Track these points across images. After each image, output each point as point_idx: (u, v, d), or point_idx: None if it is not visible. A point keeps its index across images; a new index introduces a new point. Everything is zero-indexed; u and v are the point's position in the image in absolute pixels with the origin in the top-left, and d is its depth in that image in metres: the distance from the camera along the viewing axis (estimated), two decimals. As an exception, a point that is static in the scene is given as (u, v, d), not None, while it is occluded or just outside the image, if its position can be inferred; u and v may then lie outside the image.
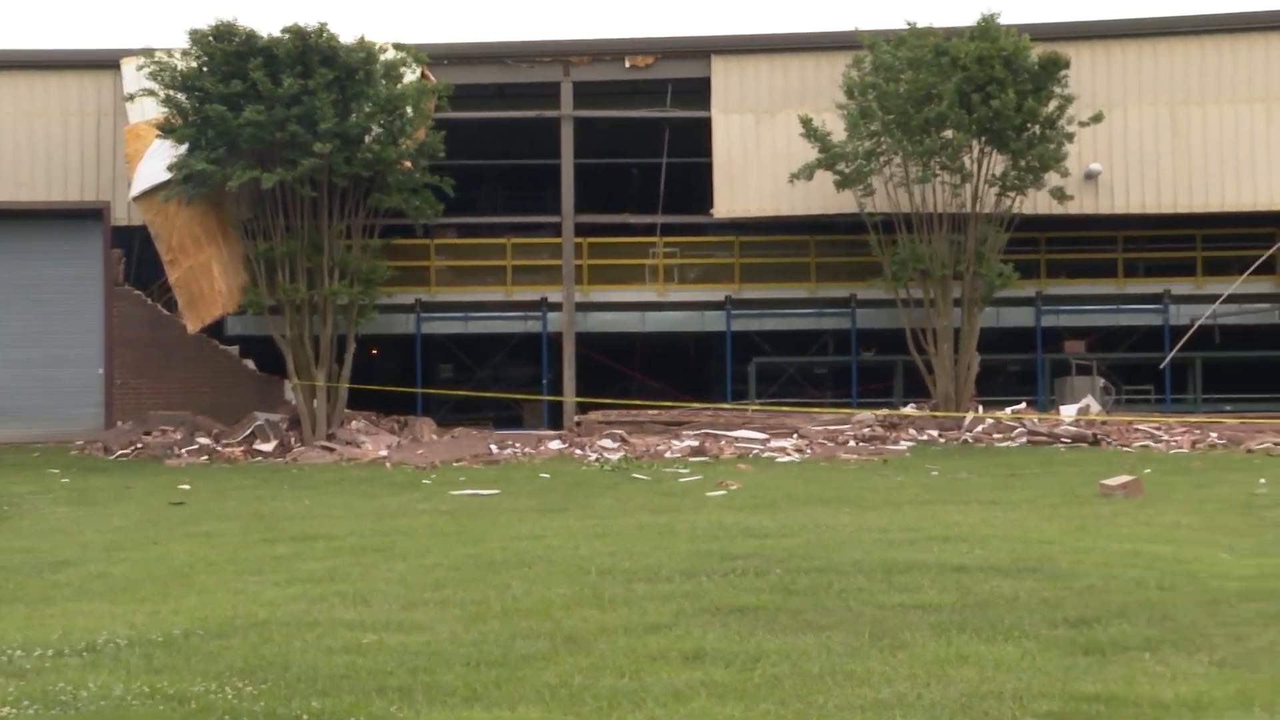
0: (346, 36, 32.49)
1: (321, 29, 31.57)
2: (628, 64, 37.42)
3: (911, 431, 31.55)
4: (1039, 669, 8.53)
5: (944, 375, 33.64)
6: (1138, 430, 30.78)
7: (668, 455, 28.70)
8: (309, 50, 31.48)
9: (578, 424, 34.19)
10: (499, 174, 44.05)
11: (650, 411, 33.81)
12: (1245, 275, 35.97)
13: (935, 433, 31.47)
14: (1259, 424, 31.26)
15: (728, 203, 36.64)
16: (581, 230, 37.77)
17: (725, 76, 37.02)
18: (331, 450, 30.93)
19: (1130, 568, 12.25)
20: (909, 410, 33.32)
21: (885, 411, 33.51)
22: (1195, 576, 11.74)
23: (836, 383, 39.70)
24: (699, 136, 37.31)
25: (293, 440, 32.46)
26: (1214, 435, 29.81)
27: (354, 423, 33.42)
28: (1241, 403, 36.63)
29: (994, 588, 11.27)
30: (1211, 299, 36.54)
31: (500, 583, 11.89)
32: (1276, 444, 27.79)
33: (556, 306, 37.67)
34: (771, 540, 14.34)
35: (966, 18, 37.31)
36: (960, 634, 9.45)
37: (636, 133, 38.70)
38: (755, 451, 29.00)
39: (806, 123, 33.90)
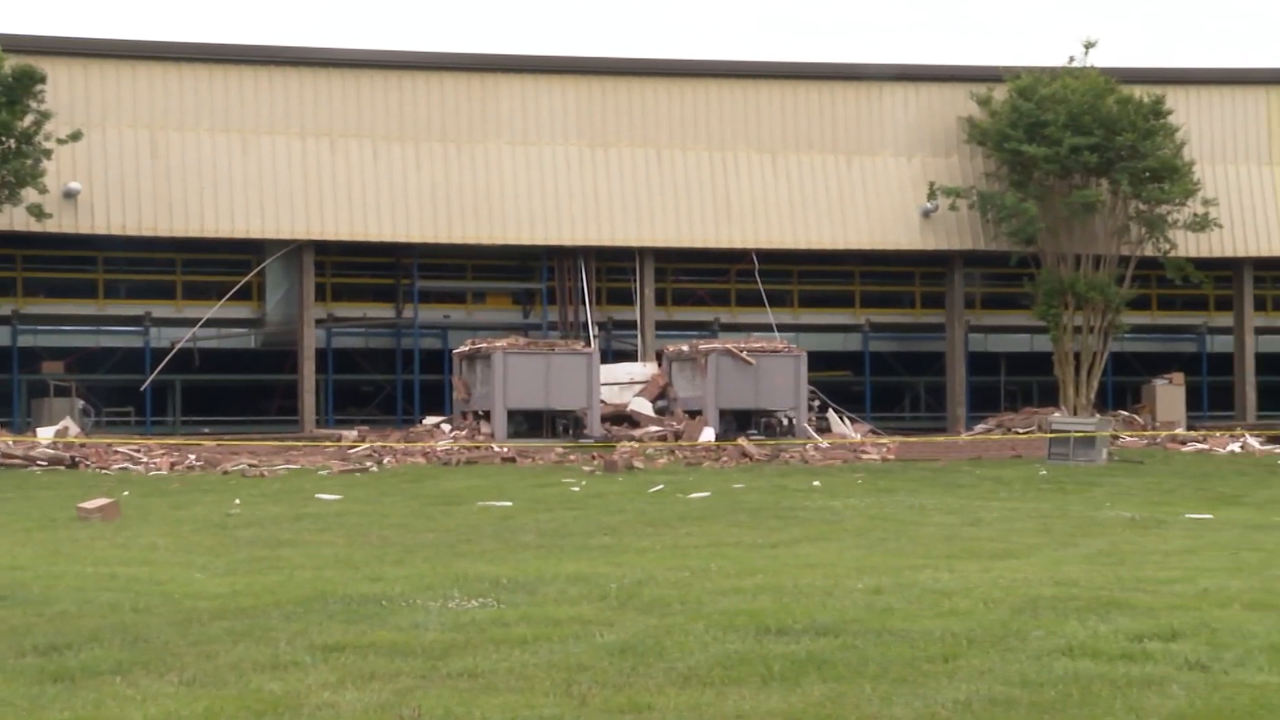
0: None
1: None
2: None
3: None
4: (5, 701, 8.31)
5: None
6: (118, 452, 30.76)
7: None
8: None
9: None
10: None
11: None
12: (224, 300, 36.94)
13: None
14: (235, 446, 32.18)
15: None
16: None
17: None
18: None
19: (105, 591, 12.22)
20: None
21: None
22: (170, 597, 11.90)
23: None
24: None
25: None
26: (193, 457, 30.33)
27: None
28: (220, 425, 37.55)
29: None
30: (192, 322, 37.18)
31: None
32: (251, 465, 28.73)
33: None
34: None
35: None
36: (-80, 672, 8.99)
37: None
38: None
39: None
